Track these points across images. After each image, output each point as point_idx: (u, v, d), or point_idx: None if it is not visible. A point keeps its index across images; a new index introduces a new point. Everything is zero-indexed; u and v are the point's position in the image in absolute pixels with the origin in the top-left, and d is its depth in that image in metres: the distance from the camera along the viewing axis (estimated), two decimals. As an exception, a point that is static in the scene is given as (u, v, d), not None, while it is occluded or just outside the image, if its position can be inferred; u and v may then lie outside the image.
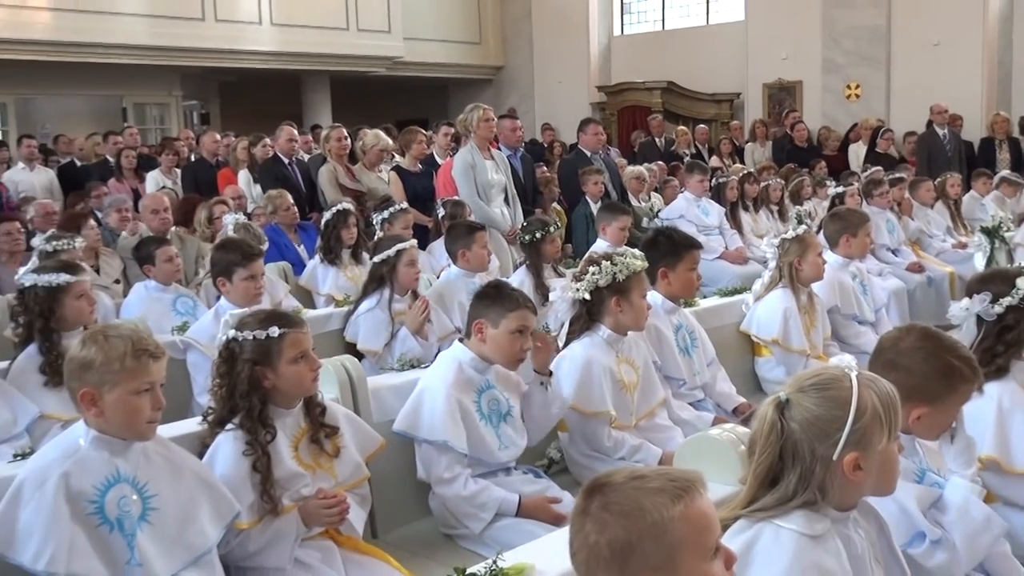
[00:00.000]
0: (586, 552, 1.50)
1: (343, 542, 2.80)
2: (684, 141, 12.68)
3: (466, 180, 6.85)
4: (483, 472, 3.18)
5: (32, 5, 12.11)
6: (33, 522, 2.28)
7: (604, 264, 3.44)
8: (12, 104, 13.88)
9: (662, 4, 16.65)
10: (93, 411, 2.38)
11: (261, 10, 14.14)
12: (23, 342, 3.82)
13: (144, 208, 6.54)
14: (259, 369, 2.67)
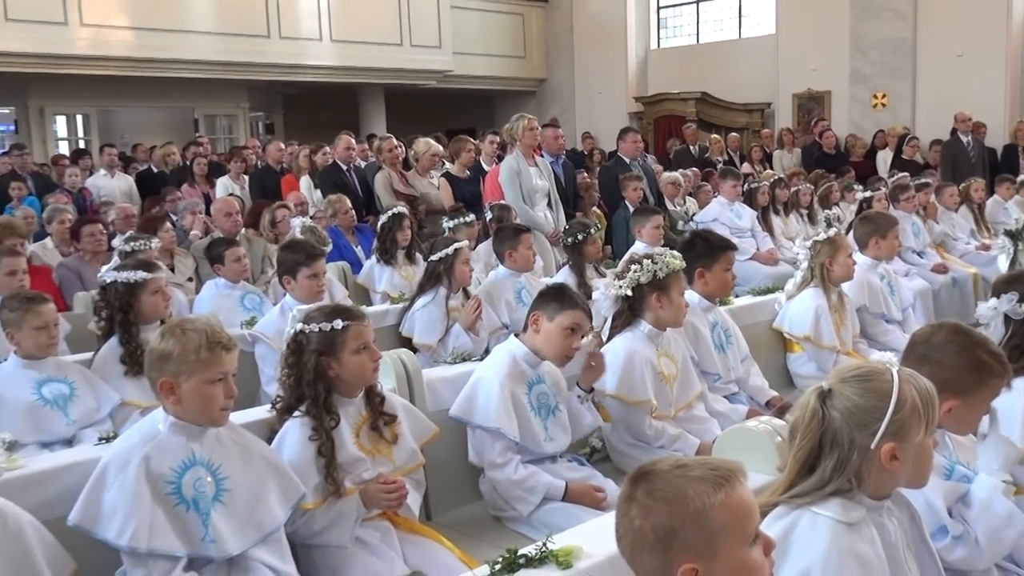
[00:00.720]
0: (631, 536, 1.49)
1: (400, 523, 2.81)
2: (717, 148, 12.56)
3: (512, 185, 6.85)
4: (530, 459, 3.17)
5: (113, 24, 12.26)
6: (117, 501, 2.31)
7: (645, 263, 3.41)
8: (95, 116, 14.05)
9: (697, 19, 16.51)
10: (171, 399, 2.41)
11: (322, 27, 14.23)
12: (105, 335, 3.88)
13: (216, 212, 6.61)
14: (324, 359, 2.69)
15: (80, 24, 11.94)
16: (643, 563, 1.50)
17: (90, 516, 2.32)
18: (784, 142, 13.17)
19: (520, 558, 1.81)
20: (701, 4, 16.43)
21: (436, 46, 15.51)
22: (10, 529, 2.13)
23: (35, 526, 2.19)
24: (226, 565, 2.42)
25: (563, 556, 1.81)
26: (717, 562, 1.46)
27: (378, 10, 14.79)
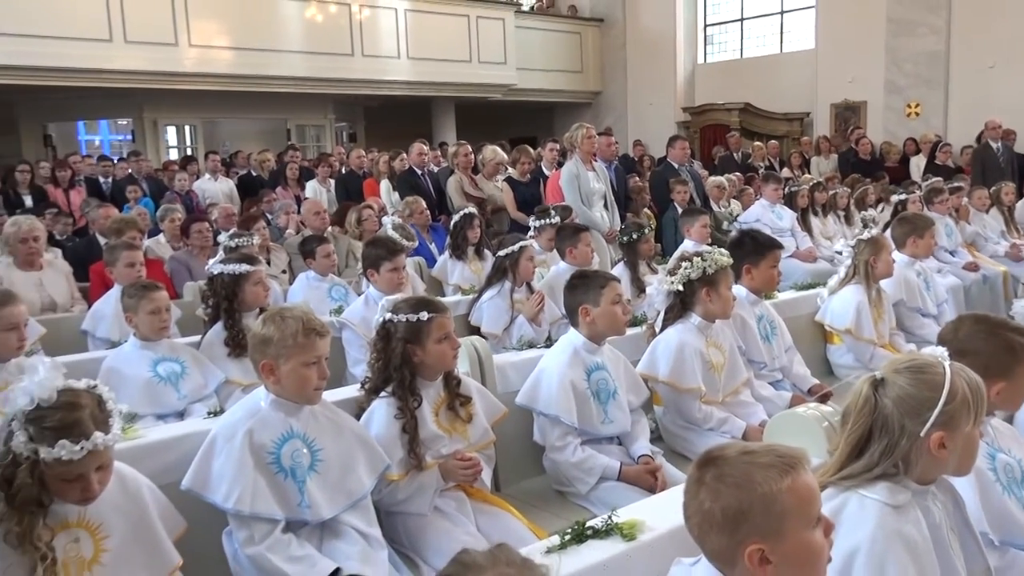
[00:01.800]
0: (700, 516, 1.47)
1: (473, 494, 2.81)
2: (759, 155, 12.33)
3: (571, 188, 6.82)
4: (590, 439, 3.15)
5: (217, 45, 12.46)
6: (224, 469, 2.34)
7: (695, 260, 3.37)
8: (200, 126, 14.30)
9: (741, 35, 16.21)
10: (271, 379, 2.44)
11: (400, 46, 14.30)
12: (211, 320, 3.94)
13: (306, 211, 6.70)
14: (410, 347, 2.70)
15: (188, 45, 12.17)
16: (711, 542, 1.47)
17: (200, 481, 2.36)
18: (822, 149, 12.88)
19: (587, 529, 1.79)
20: (745, 22, 16.13)
21: (502, 62, 15.49)
22: (129, 490, 2.16)
23: (151, 488, 2.22)
24: (319, 528, 2.45)
25: (627, 529, 1.79)
26: (782, 543, 1.43)
27: (450, 30, 14.83)
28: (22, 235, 4.94)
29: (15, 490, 1.90)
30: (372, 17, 14.00)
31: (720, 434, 3.37)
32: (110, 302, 4.50)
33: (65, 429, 1.90)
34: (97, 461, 1.96)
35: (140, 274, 4.55)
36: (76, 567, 2.01)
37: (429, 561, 2.58)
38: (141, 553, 2.11)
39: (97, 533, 2.06)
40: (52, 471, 1.92)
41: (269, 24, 12.93)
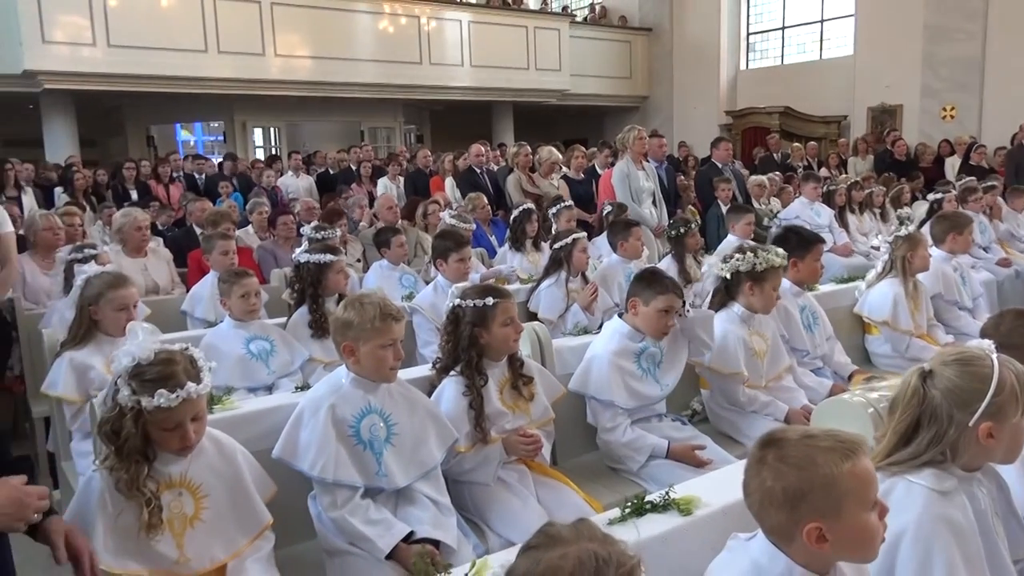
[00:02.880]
0: (761, 494, 1.43)
1: (533, 467, 2.79)
2: (798, 155, 12.01)
3: (622, 186, 6.75)
4: (642, 417, 3.11)
5: (299, 55, 12.66)
6: (310, 440, 2.37)
7: (748, 255, 3.28)
8: (283, 128, 14.56)
9: (782, 43, 15.82)
10: (352, 359, 2.45)
11: (463, 55, 14.32)
12: (297, 304, 4.00)
13: (379, 206, 6.75)
14: (477, 330, 2.69)
15: (274, 55, 12.38)
16: (770, 518, 1.44)
17: (289, 450, 2.39)
18: (859, 150, 12.49)
19: (646, 504, 1.75)
20: (786, 30, 15.74)
21: (557, 69, 15.40)
22: (226, 454, 2.20)
23: (244, 453, 2.26)
24: (394, 495, 2.46)
25: (684, 504, 1.75)
26: (839, 523, 1.39)
27: (509, 40, 14.79)
28: (137, 224, 5.07)
29: (122, 440, 1.97)
30: (439, 28, 14.05)
31: (763, 416, 3.30)
32: (206, 286, 4.60)
33: (162, 380, 1.97)
34: (192, 410, 2.02)
35: (233, 261, 4.63)
36: (179, 522, 2.06)
37: (493, 527, 2.58)
38: (236, 512, 2.16)
39: (197, 492, 2.11)
40: (153, 420, 1.98)
41: (346, 35, 13.07)
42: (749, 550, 1.48)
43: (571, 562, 1.10)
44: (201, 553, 2.07)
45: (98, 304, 3.22)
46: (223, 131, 14.56)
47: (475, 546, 2.47)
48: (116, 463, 1.98)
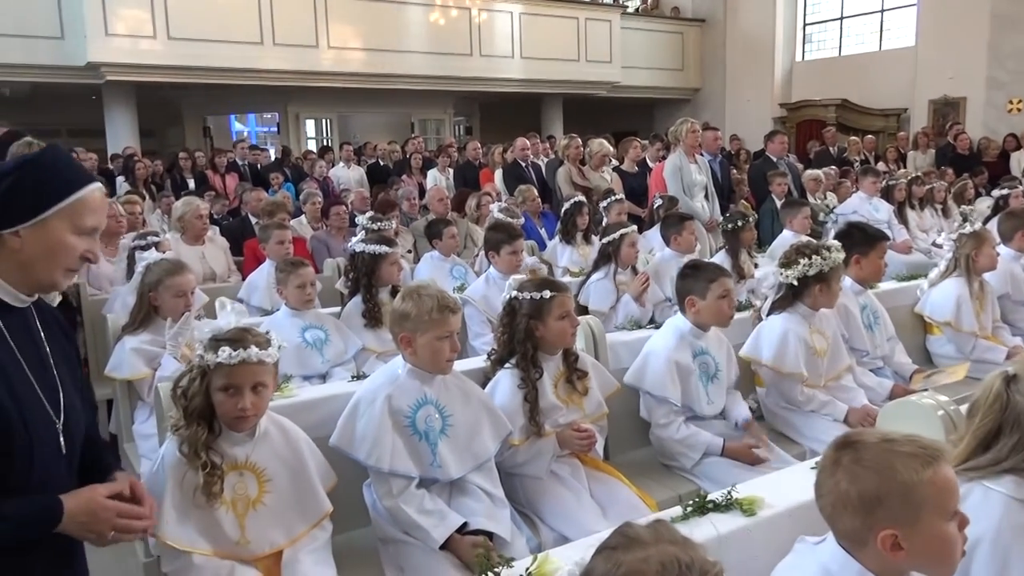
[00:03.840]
0: (835, 497, 1.39)
1: (586, 461, 2.78)
2: (855, 149, 11.68)
3: (674, 179, 6.66)
4: (695, 414, 3.07)
5: (352, 47, 12.76)
6: (366, 429, 2.38)
7: (815, 258, 3.19)
8: (335, 119, 14.69)
9: (840, 33, 15.42)
10: (408, 350, 2.45)
11: (514, 47, 14.29)
12: (351, 293, 4.02)
13: (430, 197, 6.76)
14: (533, 322, 2.68)
15: (328, 47, 12.51)
16: (843, 522, 1.39)
17: (346, 439, 2.41)
18: (919, 144, 12.10)
19: (709, 503, 1.72)
20: (845, 20, 15.33)
21: (607, 61, 15.26)
22: (290, 441, 2.24)
23: (308, 442, 2.29)
24: (448, 486, 2.47)
25: (747, 504, 1.71)
26: (916, 532, 1.34)
27: (560, 31, 14.70)
28: (197, 212, 5.18)
29: (189, 399, 2.05)
30: (489, 20, 14.03)
31: (822, 416, 3.24)
32: (262, 275, 4.68)
33: (229, 341, 2.05)
34: (252, 378, 2.06)
35: (288, 251, 4.70)
36: (242, 504, 2.11)
37: (546, 521, 2.57)
38: (298, 498, 2.19)
39: (261, 476, 2.15)
40: (215, 380, 2.04)
41: (397, 27, 13.14)
42: (818, 554, 1.44)
43: (653, 566, 1.07)
44: (261, 536, 2.12)
45: (157, 290, 3.29)
46: (276, 122, 14.77)
47: (528, 539, 2.47)
48: (182, 425, 2.05)
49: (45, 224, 1.47)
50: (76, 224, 1.50)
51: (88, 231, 1.53)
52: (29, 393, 1.47)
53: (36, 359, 1.51)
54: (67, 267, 1.53)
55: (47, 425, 1.50)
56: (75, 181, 1.52)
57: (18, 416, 1.43)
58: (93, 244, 1.56)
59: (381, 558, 2.40)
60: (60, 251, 1.49)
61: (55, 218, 1.48)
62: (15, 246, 1.46)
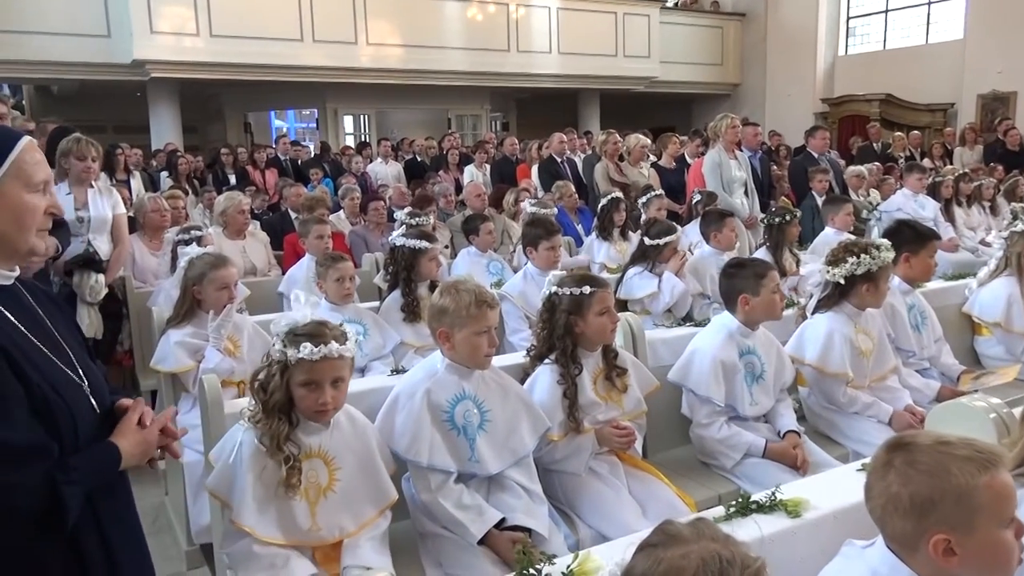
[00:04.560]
0: (886, 499, 1.35)
1: (625, 459, 2.76)
2: (899, 145, 11.42)
3: (713, 175, 6.59)
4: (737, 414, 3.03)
5: (390, 43, 12.83)
6: (406, 423, 2.40)
7: (863, 257, 3.12)
8: (373, 115, 14.78)
9: (884, 27, 15.09)
10: (447, 346, 2.46)
11: (551, 42, 14.24)
12: (390, 288, 4.05)
13: (467, 193, 6.77)
14: (572, 318, 2.67)
15: (366, 44, 12.60)
16: (894, 526, 1.36)
17: (385, 433, 2.42)
18: (967, 139, 11.78)
19: (752, 503, 1.69)
20: (890, 13, 15.00)
21: (645, 56, 15.14)
22: (358, 430, 2.29)
23: (375, 431, 2.36)
24: (487, 481, 2.47)
25: (792, 506, 1.68)
26: (970, 538, 1.30)
27: (598, 26, 14.62)
28: (239, 207, 5.26)
29: (269, 394, 2.09)
30: (527, 15, 14.01)
31: (866, 418, 3.17)
32: (302, 269, 4.72)
33: (309, 336, 2.09)
34: (332, 373, 2.12)
35: (327, 245, 4.74)
36: (314, 491, 2.16)
37: (584, 518, 2.57)
38: (366, 485, 2.24)
39: (331, 464, 2.19)
40: (296, 375, 2.08)
41: (435, 23, 13.18)
42: (866, 558, 1.41)
43: (694, 562, 1.06)
44: (331, 523, 2.17)
45: (201, 284, 3.34)
46: (315, 118, 14.91)
47: (566, 536, 2.46)
48: (263, 419, 2.09)
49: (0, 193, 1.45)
50: (27, 182, 1.48)
51: (41, 186, 1.51)
52: (49, 364, 1.50)
53: (41, 332, 1.53)
54: (38, 227, 1.51)
55: (75, 389, 1.53)
56: (6, 138, 1.50)
57: (50, 388, 1.45)
58: (52, 198, 1.55)
59: (420, 552, 2.41)
60: (24, 213, 1.48)
61: (6, 182, 1.45)
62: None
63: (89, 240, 4.40)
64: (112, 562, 1.55)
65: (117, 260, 4.58)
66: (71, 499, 1.41)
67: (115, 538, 1.57)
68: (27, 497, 1.37)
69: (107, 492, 1.57)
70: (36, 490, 1.38)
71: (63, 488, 1.40)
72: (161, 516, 3.71)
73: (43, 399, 1.44)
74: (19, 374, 1.40)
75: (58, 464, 1.42)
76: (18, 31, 10.51)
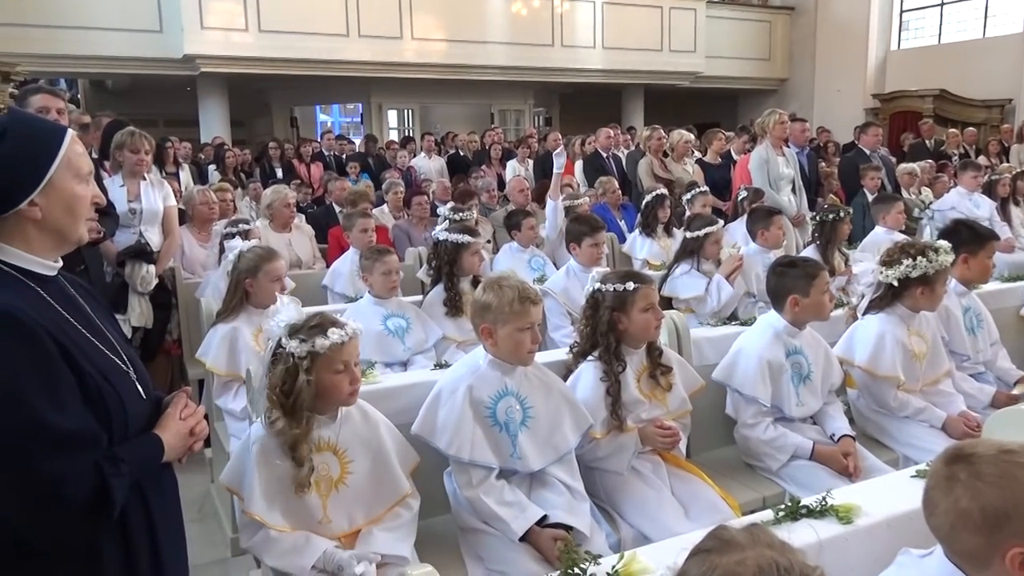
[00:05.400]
0: (954, 516, 1.30)
1: (668, 459, 2.73)
2: (954, 142, 11.10)
3: (760, 172, 6.45)
4: (783, 416, 2.97)
5: (434, 38, 12.89)
6: (447, 419, 2.40)
7: (920, 260, 3.03)
8: (417, 110, 14.85)
9: (940, 20, 14.67)
10: (490, 341, 2.45)
11: (596, 37, 14.15)
12: (433, 282, 4.06)
13: (511, 188, 6.75)
14: (616, 315, 2.64)
15: (411, 38, 12.66)
16: (962, 541, 1.31)
17: (428, 428, 2.43)
18: (1024, 136, 11.41)
19: (802, 508, 1.65)
20: (945, 6, 14.57)
21: (691, 51, 14.94)
22: (370, 424, 2.30)
23: (387, 424, 2.35)
24: (528, 478, 2.46)
25: (843, 512, 1.64)
26: None
27: (643, 21, 14.48)
28: (285, 201, 5.33)
29: (295, 395, 2.09)
30: (571, 10, 13.93)
31: (917, 423, 3.09)
32: (346, 262, 4.77)
33: (326, 324, 2.13)
34: (354, 353, 2.17)
35: (371, 239, 4.76)
36: (325, 484, 2.18)
37: (626, 517, 2.54)
38: (377, 479, 2.25)
39: (343, 457, 2.21)
40: (324, 364, 2.10)
41: (479, 18, 13.19)
42: (924, 568, 1.36)
43: (750, 569, 1.03)
44: (342, 515, 2.18)
45: (255, 276, 3.39)
46: (360, 113, 15.03)
47: (607, 535, 2.44)
48: (287, 423, 2.10)
49: (52, 184, 1.48)
50: (76, 173, 1.52)
51: (87, 176, 1.55)
52: (97, 352, 1.53)
53: (87, 322, 1.56)
54: (86, 217, 1.57)
55: (122, 376, 1.56)
56: (57, 132, 1.53)
57: (100, 376, 1.49)
58: (95, 187, 1.59)
59: (461, 546, 2.41)
60: (76, 203, 1.52)
61: (59, 174, 1.49)
62: (36, 216, 1.47)
63: (141, 231, 4.49)
64: (155, 545, 1.59)
65: (167, 251, 4.67)
66: (117, 491, 1.44)
67: (159, 522, 1.60)
68: (76, 487, 1.40)
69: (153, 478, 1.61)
70: (85, 480, 1.41)
71: (111, 480, 1.43)
72: (207, 503, 3.78)
73: (95, 387, 1.47)
74: (71, 363, 1.43)
75: (106, 455, 1.45)
76: (74, 27, 10.82)
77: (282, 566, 2.08)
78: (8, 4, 10.43)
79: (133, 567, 1.54)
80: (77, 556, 1.47)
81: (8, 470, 1.36)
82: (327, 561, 2.06)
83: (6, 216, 1.45)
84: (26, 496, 1.37)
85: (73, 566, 1.47)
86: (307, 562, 2.05)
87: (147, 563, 1.57)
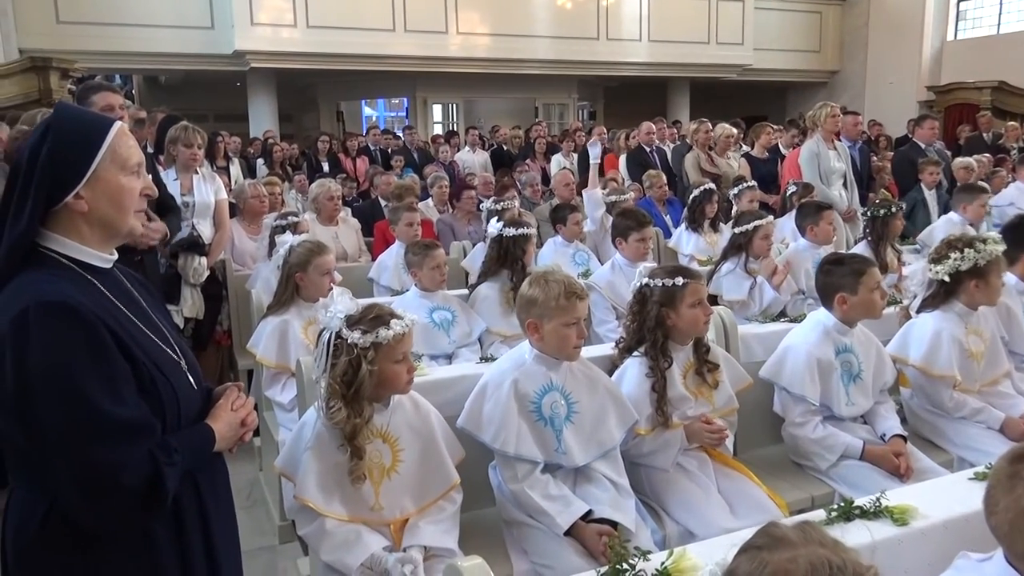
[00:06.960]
0: (1015, 514, 1.27)
1: (715, 456, 2.71)
2: (1013, 135, 10.69)
3: (811, 166, 6.33)
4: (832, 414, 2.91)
5: (479, 32, 12.91)
6: (493, 413, 2.41)
7: (967, 251, 2.95)
8: (461, 104, 14.89)
9: (999, 9, 14.18)
10: (535, 336, 2.45)
11: (641, 30, 14.01)
12: (482, 276, 4.05)
13: (556, 182, 6.71)
14: (664, 310, 2.62)
15: (456, 33, 12.72)
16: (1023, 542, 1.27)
17: (473, 421, 2.44)
18: (1089, 130, 10.96)
19: (856, 509, 1.62)
20: (1006, -5, 14.11)
21: (739, 43, 14.71)
22: (421, 413, 2.34)
23: (438, 416, 2.38)
24: (573, 473, 2.46)
25: (898, 513, 1.60)
26: None
27: (690, 13, 14.30)
28: (329, 194, 5.41)
29: (357, 384, 2.13)
30: (617, 3, 13.82)
31: (974, 424, 3.00)
32: (391, 256, 4.80)
33: (386, 316, 2.17)
34: (411, 342, 2.21)
35: (417, 233, 4.80)
36: (378, 472, 2.22)
37: (672, 514, 2.52)
38: (427, 468, 2.28)
39: (395, 446, 2.25)
40: (386, 354, 2.14)
41: (523, 12, 13.17)
42: (983, 573, 1.33)
43: (802, 567, 1.02)
44: (393, 503, 2.21)
45: (306, 270, 3.44)
46: (404, 107, 15.14)
47: (652, 531, 2.42)
48: (348, 413, 2.14)
49: (98, 176, 1.49)
50: (122, 166, 1.52)
51: (136, 168, 1.55)
52: (151, 343, 1.56)
53: (141, 313, 1.59)
54: (136, 209, 1.57)
55: (175, 367, 1.60)
56: (102, 125, 1.54)
57: (154, 366, 1.52)
58: (146, 180, 1.60)
59: (505, 539, 2.42)
60: (123, 195, 1.53)
61: (103, 166, 1.50)
62: (83, 208, 1.49)
63: (193, 224, 4.59)
64: (208, 532, 1.63)
65: (218, 244, 4.77)
66: (170, 480, 1.47)
67: (211, 509, 1.64)
68: (131, 475, 1.43)
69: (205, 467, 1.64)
70: (140, 469, 1.44)
71: (164, 469, 1.46)
72: (255, 491, 3.86)
73: (149, 377, 1.50)
74: (126, 353, 1.47)
75: (160, 444, 1.48)
76: (129, 24, 11.13)
77: (332, 561, 2.11)
78: (66, 3, 10.77)
79: (186, 553, 1.58)
80: (132, 543, 1.51)
81: (67, 458, 1.39)
82: (374, 563, 2.09)
83: (57, 210, 1.48)
84: (84, 484, 1.40)
85: (128, 553, 1.51)
86: (354, 562, 2.08)
87: (200, 549, 1.61)
